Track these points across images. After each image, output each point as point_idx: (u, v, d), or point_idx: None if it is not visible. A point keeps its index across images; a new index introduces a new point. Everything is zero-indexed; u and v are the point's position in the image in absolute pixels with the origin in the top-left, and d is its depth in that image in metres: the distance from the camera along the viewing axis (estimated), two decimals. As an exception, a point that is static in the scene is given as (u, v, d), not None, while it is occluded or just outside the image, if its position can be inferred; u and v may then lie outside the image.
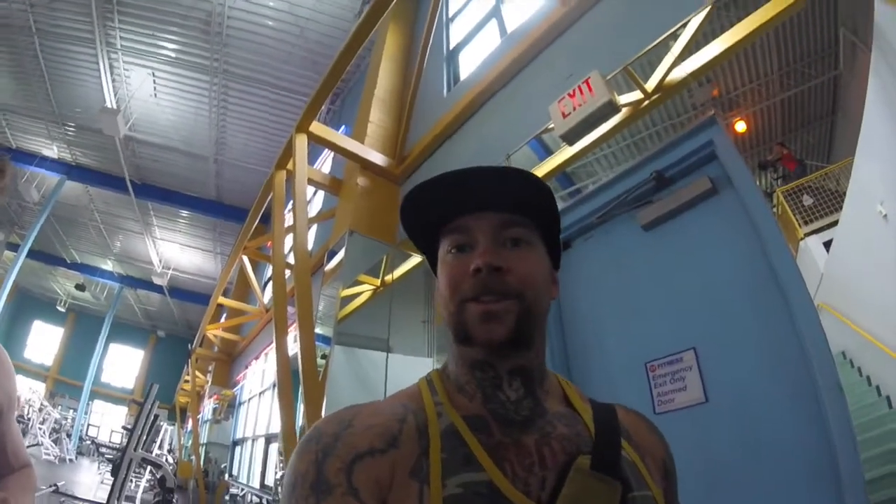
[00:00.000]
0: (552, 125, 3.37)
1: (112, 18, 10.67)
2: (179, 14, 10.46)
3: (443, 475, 0.63)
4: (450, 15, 6.86)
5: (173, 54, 11.40)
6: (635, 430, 0.81)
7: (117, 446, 18.99)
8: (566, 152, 3.76)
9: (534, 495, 0.64)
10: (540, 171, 3.91)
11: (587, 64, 3.39)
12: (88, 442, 20.86)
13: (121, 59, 11.60)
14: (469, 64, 5.92)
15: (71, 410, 21.13)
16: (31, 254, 16.42)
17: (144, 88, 12.24)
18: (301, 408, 4.36)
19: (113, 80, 12.12)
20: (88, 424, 23.07)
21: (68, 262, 21.04)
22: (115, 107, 12.22)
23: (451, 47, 6.46)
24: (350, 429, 0.68)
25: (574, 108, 3.17)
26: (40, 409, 17.53)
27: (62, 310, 24.60)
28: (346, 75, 6.82)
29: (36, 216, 15.77)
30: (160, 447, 14.70)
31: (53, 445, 16.21)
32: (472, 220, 0.75)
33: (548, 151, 4.02)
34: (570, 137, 3.28)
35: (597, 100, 3.07)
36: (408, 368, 4.18)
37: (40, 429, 16.40)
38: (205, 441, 12.89)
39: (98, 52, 11.31)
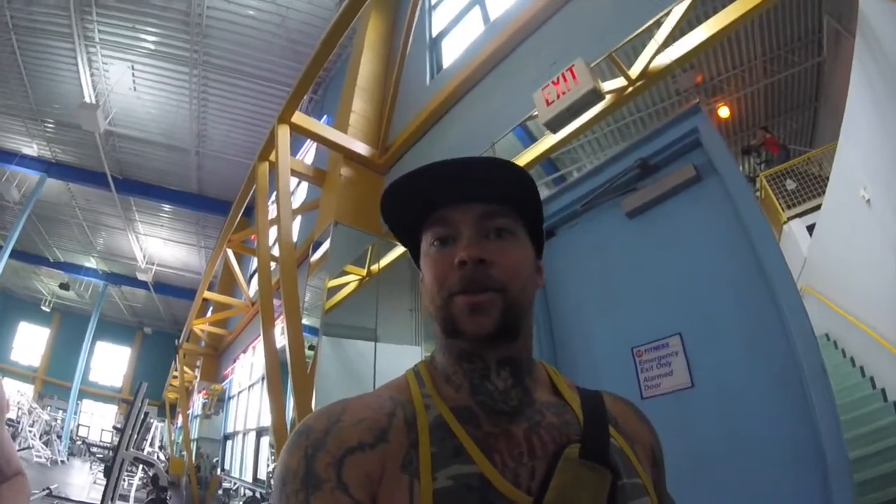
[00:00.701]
0: (536, 113, 3.37)
1: (90, 11, 10.47)
2: (159, 5, 10.30)
3: (433, 468, 0.63)
4: (432, 2, 6.82)
5: (153, 46, 11.22)
6: (623, 417, 0.81)
7: (108, 445, 18.89)
8: (550, 139, 3.76)
9: (523, 486, 0.64)
10: (524, 158, 3.91)
11: (571, 51, 3.39)
12: (79, 442, 20.72)
13: (99, 53, 11.40)
14: (452, 52, 5.88)
15: (60, 411, 20.91)
16: (14, 254, 16.14)
17: (124, 82, 12.05)
18: (291, 400, 4.36)
19: (92, 75, 11.91)
20: (78, 424, 22.90)
21: (51, 261, 20.74)
22: (94, 101, 12.01)
23: (433, 35, 6.42)
24: (339, 423, 0.68)
25: (558, 96, 3.17)
26: (29, 412, 17.36)
27: (47, 310, 24.19)
28: (327, 64, 6.78)
29: (17, 216, 15.50)
30: (151, 444, 14.64)
31: (44, 447, 16.08)
32: (454, 211, 0.75)
33: (532, 139, 4.02)
34: (555, 125, 3.29)
35: (581, 87, 3.07)
36: (396, 357, 4.20)
37: (30, 431, 16.25)
38: (195, 437, 12.88)
39: (76, 46, 11.09)
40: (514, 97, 4.02)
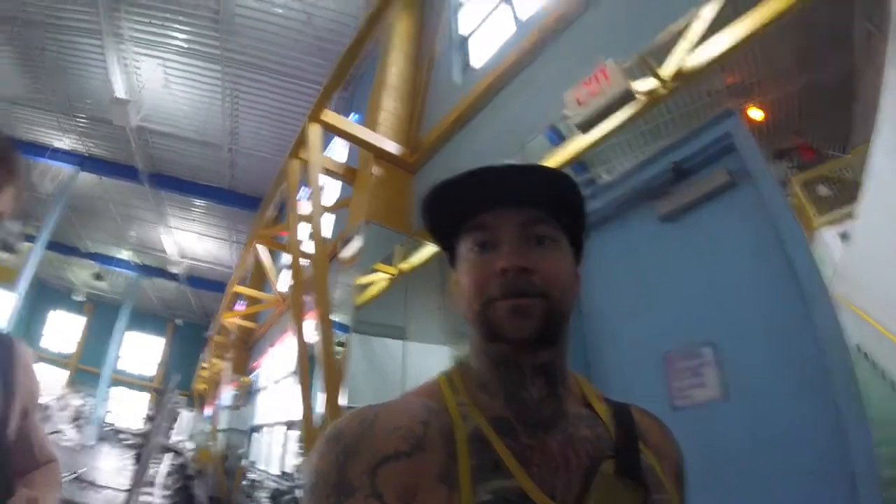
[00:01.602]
0: (567, 113, 3.36)
1: (119, 9, 10.71)
2: (188, 3, 10.50)
3: (472, 481, 0.63)
4: (459, 1, 6.82)
5: (183, 44, 11.42)
6: (650, 432, 0.82)
7: (138, 433, 19.34)
8: (581, 140, 3.76)
9: (559, 500, 0.65)
10: (554, 159, 3.91)
11: (603, 51, 3.36)
12: (109, 429, 21.22)
13: (130, 50, 11.64)
14: (482, 51, 5.87)
15: (91, 398, 21.40)
16: (48, 245, 16.52)
17: (155, 78, 12.29)
18: (320, 395, 4.42)
19: (123, 71, 12.14)
20: (108, 411, 23.42)
21: (84, 252, 21.29)
22: (125, 97, 12.27)
23: (462, 34, 6.42)
24: (373, 430, 0.68)
25: (589, 97, 3.15)
26: (61, 398, 17.81)
27: (80, 299, 24.96)
28: (356, 62, 6.80)
29: (51, 207, 15.89)
30: (179, 434, 14.91)
31: (74, 432, 16.48)
32: (495, 217, 0.74)
33: (562, 139, 4.02)
34: (585, 126, 3.27)
35: (612, 88, 3.05)
36: (424, 356, 4.24)
37: (61, 416, 16.67)
38: (223, 427, 13.07)
39: (107, 43, 11.33)
40: (545, 97, 4.00)
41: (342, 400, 3.83)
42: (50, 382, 19.44)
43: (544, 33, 4.34)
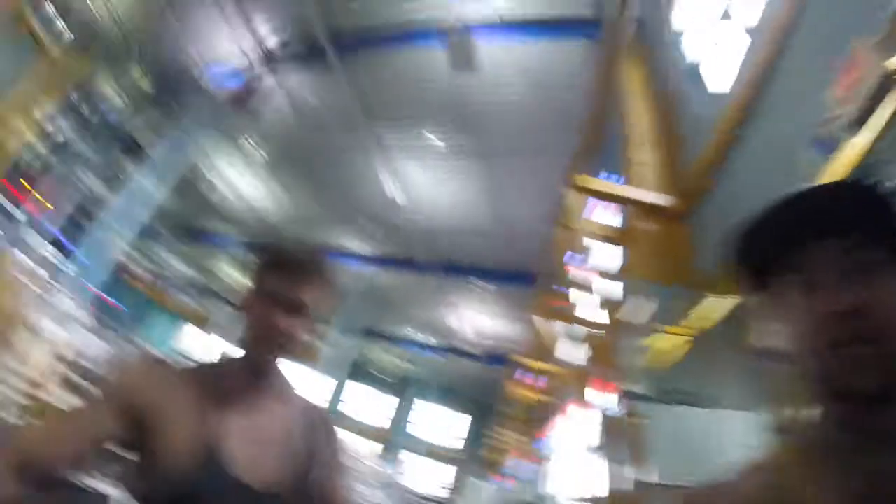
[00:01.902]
0: (833, 115, 2.87)
1: (380, 125, 12.60)
2: (431, 111, 11.89)
3: None
4: (678, 30, 6.35)
5: (439, 144, 12.82)
6: None
7: (435, 499, 21.06)
8: (856, 144, 3.17)
9: None
10: (832, 171, 3.36)
11: (850, 32, 2.77)
12: (408, 493, 23.37)
13: (396, 158, 13.49)
14: (719, 75, 5.34)
15: (394, 465, 23.66)
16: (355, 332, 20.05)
17: (423, 179, 14.02)
18: (612, 467, 4.28)
19: (394, 178, 14.03)
20: (408, 478, 25.73)
21: (385, 336, 24.67)
22: (399, 199, 14.26)
23: (692, 62, 5.97)
24: None
25: (848, 90, 2.66)
26: (367, 464, 20.24)
27: (384, 377, 28.80)
28: (602, 123, 6.71)
29: (351, 301, 19.34)
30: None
31: (378, 495, 18.51)
32: (814, 251, 0.65)
33: (834, 147, 3.44)
34: (855, 124, 2.71)
35: (871, 72, 2.50)
36: (732, 423, 3.85)
37: (366, 480, 18.91)
38: (514, 497, 13.33)
39: (375, 154, 13.32)
40: (803, 103, 3.44)
41: (651, 476, 3.63)
42: (359, 449, 22.12)
43: (779, 34, 3.81)
